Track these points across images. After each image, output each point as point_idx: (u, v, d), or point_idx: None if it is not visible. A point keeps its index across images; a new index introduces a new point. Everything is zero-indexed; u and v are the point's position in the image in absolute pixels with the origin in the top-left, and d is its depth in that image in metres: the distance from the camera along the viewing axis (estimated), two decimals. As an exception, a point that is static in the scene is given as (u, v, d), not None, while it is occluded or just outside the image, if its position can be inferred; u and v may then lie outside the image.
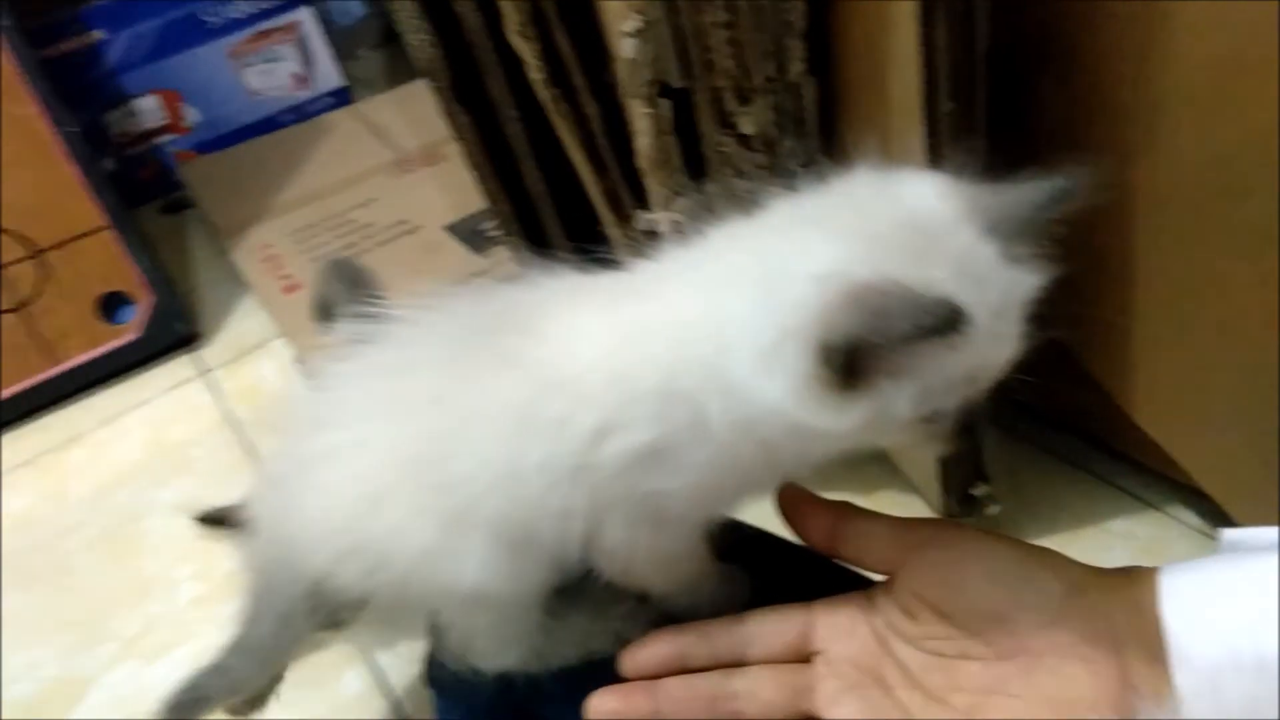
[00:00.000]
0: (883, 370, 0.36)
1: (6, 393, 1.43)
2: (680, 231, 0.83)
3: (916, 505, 1.01)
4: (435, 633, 0.57)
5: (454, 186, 1.61)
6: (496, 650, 0.48)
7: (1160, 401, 0.83)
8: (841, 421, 0.37)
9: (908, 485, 1.03)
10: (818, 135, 0.80)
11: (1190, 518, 0.95)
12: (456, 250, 1.50)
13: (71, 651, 1.09)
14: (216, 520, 0.69)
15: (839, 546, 0.47)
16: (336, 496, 0.46)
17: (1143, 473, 0.97)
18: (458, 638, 0.49)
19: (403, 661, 0.99)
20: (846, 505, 0.47)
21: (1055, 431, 1.03)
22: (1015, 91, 0.75)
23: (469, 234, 1.52)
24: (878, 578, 0.48)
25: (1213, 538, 0.92)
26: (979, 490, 0.92)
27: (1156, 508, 0.96)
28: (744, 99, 0.76)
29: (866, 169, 0.41)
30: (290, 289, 1.50)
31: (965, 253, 0.37)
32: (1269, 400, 0.71)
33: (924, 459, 0.92)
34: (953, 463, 0.90)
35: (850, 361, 0.36)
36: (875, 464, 1.06)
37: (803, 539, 0.48)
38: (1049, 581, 0.42)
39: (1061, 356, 0.92)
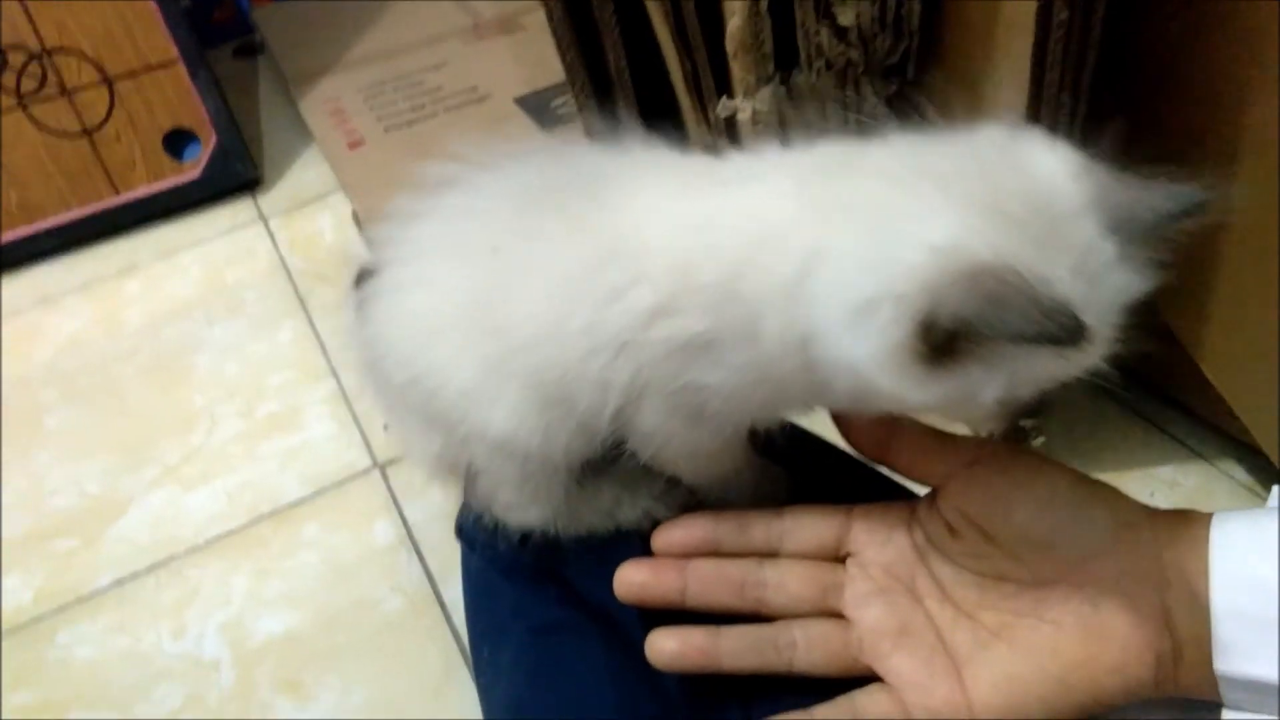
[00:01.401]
0: (977, 356, 0.35)
1: (69, 217, 1.45)
2: (762, 124, 0.81)
3: (959, 429, 1.00)
4: (468, 483, 0.57)
5: (528, 59, 1.57)
6: (520, 505, 0.49)
7: (1230, 354, 0.81)
8: (916, 393, 0.36)
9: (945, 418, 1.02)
10: (917, 37, 0.77)
11: (1239, 473, 0.93)
12: (524, 124, 1.48)
13: (114, 471, 1.12)
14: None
15: (889, 456, 0.46)
16: (405, 326, 0.46)
17: (1195, 423, 0.95)
18: (486, 486, 0.49)
19: (433, 517, 1.01)
20: (900, 416, 0.46)
21: (1112, 371, 1.00)
22: (1132, 11, 0.71)
23: (538, 109, 1.49)
24: (922, 491, 0.47)
25: (1261, 495, 0.90)
26: (1027, 421, 0.91)
27: (1206, 459, 0.94)
28: (846, -12, 0.72)
29: (997, 128, 0.38)
30: (354, 145, 1.48)
31: (1087, 248, 0.34)
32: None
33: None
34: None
35: (948, 341, 0.34)
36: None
37: (852, 444, 0.47)
38: (1100, 514, 0.42)
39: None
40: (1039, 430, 0.90)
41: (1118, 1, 0.66)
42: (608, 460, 0.46)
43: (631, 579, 0.45)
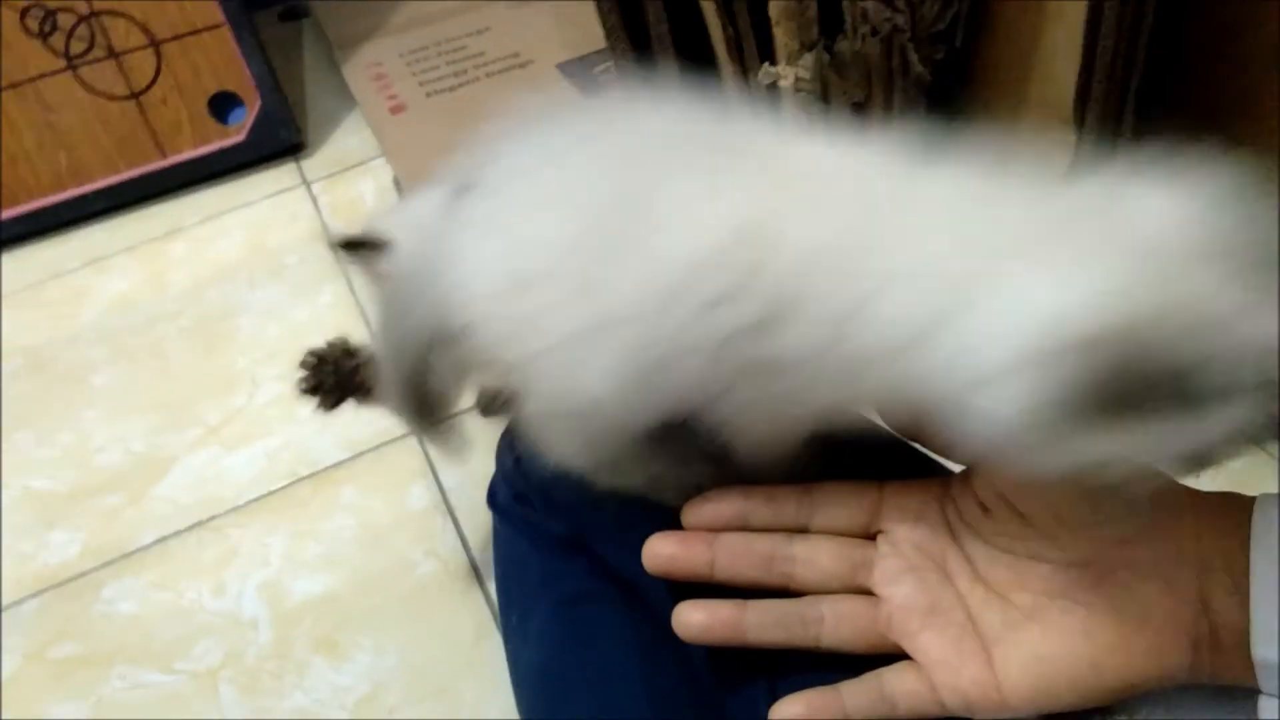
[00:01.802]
0: (1108, 423, 0.33)
1: (116, 179, 1.47)
2: (805, 91, 0.79)
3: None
4: (506, 449, 0.57)
5: (572, 23, 1.56)
6: (571, 448, 0.47)
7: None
8: (1034, 450, 0.35)
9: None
10: (966, 2, 0.75)
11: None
12: (567, 91, 1.47)
13: (159, 430, 1.14)
14: (356, 245, 0.68)
15: (923, 432, 0.45)
16: (489, 265, 0.42)
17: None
18: (540, 426, 0.47)
19: (468, 483, 1.01)
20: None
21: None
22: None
23: (582, 75, 1.48)
24: (956, 469, 0.46)
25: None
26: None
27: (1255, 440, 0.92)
28: (892, -48, 0.71)
29: (1137, 175, 0.36)
30: (396, 109, 1.49)
31: (1213, 297, 0.33)
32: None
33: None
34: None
35: (1085, 406, 0.33)
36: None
37: (885, 420, 0.46)
38: (1139, 496, 0.40)
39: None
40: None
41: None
42: (671, 428, 0.45)
43: (660, 551, 0.45)
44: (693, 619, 0.44)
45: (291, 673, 0.90)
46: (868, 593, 0.44)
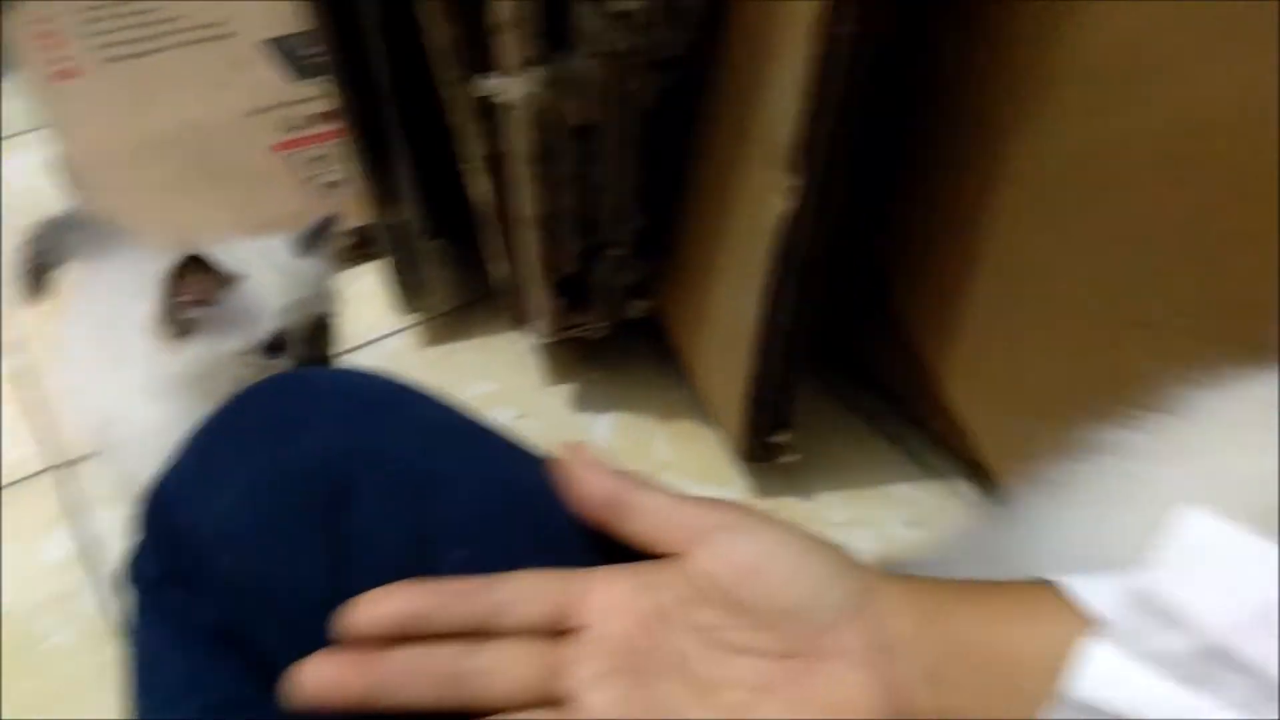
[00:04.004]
0: None
1: None
2: (526, 109, 0.74)
3: (711, 440, 0.99)
4: (152, 514, 0.48)
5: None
6: None
7: (972, 375, 0.83)
8: None
9: (707, 419, 1.00)
10: (698, 31, 0.72)
11: (969, 490, 0.96)
12: (270, 72, 1.33)
13: None
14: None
15: (618, 520, 0.41)
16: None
17: (934, 440, 0.98)
18: None
19: (118, 531, 0.88)
20: (631, 475, 0.42)
21: (863, 385, 1.02)
22: (917, 28, 0.70)
23: (290, 55, 1.35)
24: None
25: (983, 510, 0.94)
26: (779, 438, 0.90)
27: (941, 477, 0.97)
28: (626, -30, 0.66)
29: None
30: (64, 75, 1.29)
31: None
32: (1077, 399, 0.71)
33: (731, 394, 0.89)
34: (760, 405, 0.86)
35: None
36: (676, 391, 1.02)
37: (576, 505, 0.42)
38: (844, 583, 0.39)
39: (884, 313, 0.91)
40: (791, 447, 0.90)
41: (899, 18, 0.64)
42: None
43: (314, 679, 0.37)
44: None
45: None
46: (565, 701, 0.40)
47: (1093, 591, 0.36)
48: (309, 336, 0.68)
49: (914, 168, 0.78)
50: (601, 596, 0.41)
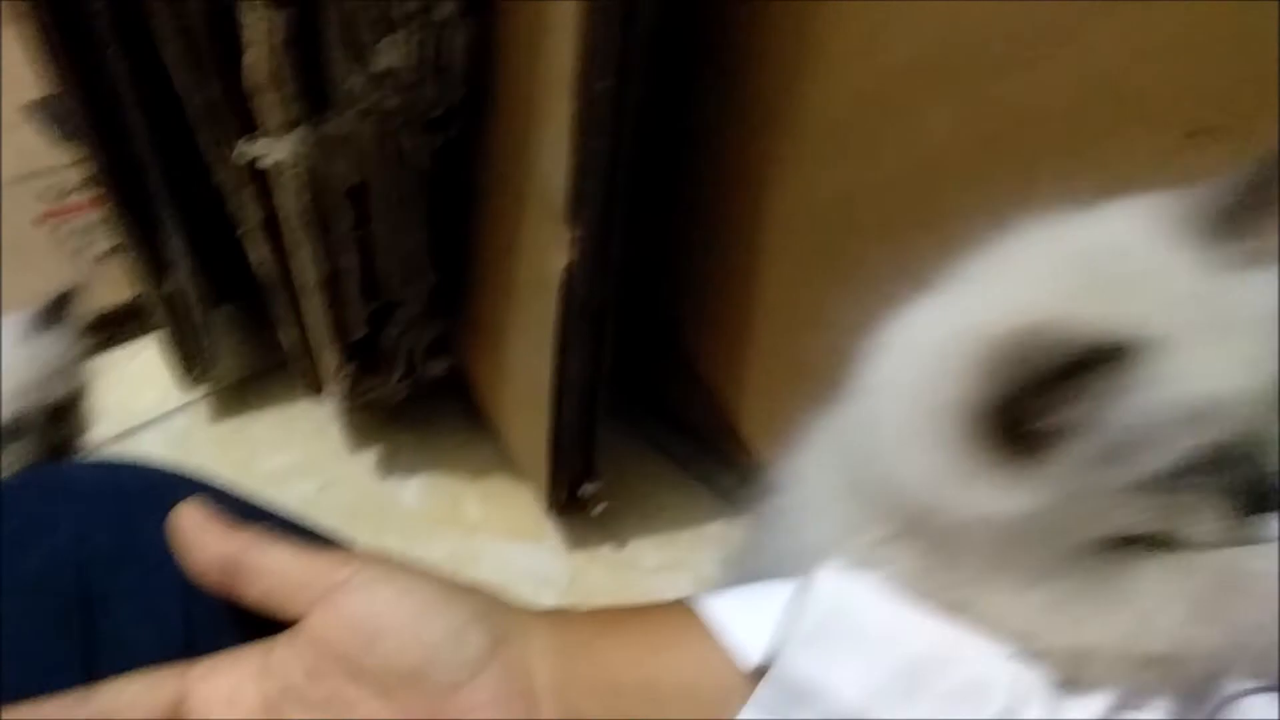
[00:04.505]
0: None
1: None
2: (289, 173, 0.71)
3: (522, 496, 0.97)
4: None
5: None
6: None
7: (763, 410, 0.85)
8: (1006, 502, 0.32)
9: (517, 475, 0.98)
10: (465, 86, 0.72)
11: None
12: (36, 136, 1.25)
13: None
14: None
15: (239, 586, 0.39)
16: None
17: (741, 476, 0.99)
18: None
19: None
20: (252, 534, 0.39)
21: (669, 429, 1.03)
22: (679, 81, 0.72)
23: (59, 117, 1.27)
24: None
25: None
26: (588, 488, 0.89)
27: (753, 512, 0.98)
28: (383, 29, 0.65)
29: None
30: None
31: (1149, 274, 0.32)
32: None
33: (536, 447, 0.87)
34: (564, 456, 0.86)
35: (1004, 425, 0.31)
36: (485, 448, 1.00)
37: (193, 575, 0.39)
38: (476, 632, 0.37)
39: (679, 355, 0.92)
40: (600, 497, 0.89)
41: (657, 71, 0.66)
42: None
43: None
44: None
45: None
46: None
47: (739, 625, 0.37)
48: (49, 420, 0.62)
49: (690, 212, 0.80)
50: (223, 684, 0.38)
